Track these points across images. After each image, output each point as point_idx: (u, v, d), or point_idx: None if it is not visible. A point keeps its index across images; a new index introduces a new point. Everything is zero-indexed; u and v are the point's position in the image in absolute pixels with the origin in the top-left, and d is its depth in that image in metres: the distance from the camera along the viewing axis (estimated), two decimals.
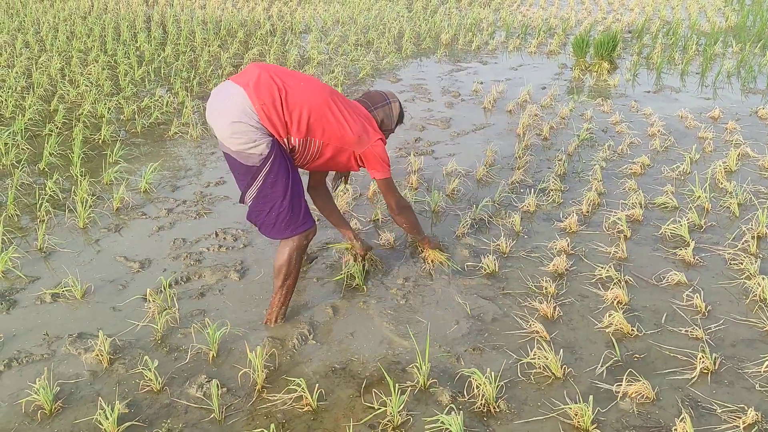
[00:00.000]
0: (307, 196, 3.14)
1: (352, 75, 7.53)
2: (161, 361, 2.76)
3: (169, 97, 6.40)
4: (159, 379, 2.61)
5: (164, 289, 3.17)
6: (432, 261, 3.50)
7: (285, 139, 2.81)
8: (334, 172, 3.46)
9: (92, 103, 6.13)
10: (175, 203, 4.27)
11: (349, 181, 4.10)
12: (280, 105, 2.73)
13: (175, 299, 3.17)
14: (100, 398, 2.52)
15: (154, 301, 3.09)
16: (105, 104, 6.06)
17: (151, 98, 6.37)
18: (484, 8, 11.78)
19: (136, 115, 5.95)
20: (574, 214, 3.96)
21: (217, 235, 3.84)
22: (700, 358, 2.69)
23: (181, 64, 7.81)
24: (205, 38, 9.31)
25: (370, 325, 3.03)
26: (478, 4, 12.33)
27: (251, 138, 2.71)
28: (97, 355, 2.76)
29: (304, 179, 3.16)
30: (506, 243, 3.67)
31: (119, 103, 6.27)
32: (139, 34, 9.17)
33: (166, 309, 3.06)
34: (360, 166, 3.08)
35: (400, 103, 3.28)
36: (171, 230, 3.92)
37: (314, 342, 2.90)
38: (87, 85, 6.72)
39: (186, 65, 7.80)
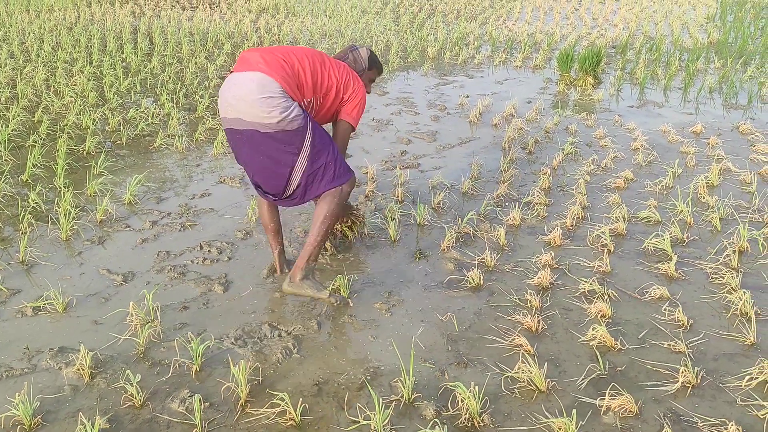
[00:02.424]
0: None
1: None
2: (143, 375, 2.73)
3: (155, 109, 6.39)
4: (141, 393, 2.59)
5: (147, 302, 3.15)
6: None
7: (302, 101, 3.11)
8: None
9: (77, 114, 6.10)
10: (160, 215, 4.25)
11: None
12: (290, 72, 3.03)
13: (158, 312, 3.15)
14: (80, 413, 2.49)
15: (136, 314, 3.07)
16: (90, 115, 6.04)
17: (137, 109, 6.35)
18: (470, 22, 11.88)
19: (121, 127, 5.92)
20: (559, 228, 3.98)
21: (201, 247, 3.82)
22: (683, 372, 2.71)
23: (168, 75, 7.80)
24: (192, 50, 9.31)
25: (355, 338, 3.02)
26: (465, 18, 12.43)
27: (285, 105, 2.95)
28: (78, 369, 2.73)
29: None
30: (491, 256, 3.68)
31: (104, 114, 6.24)
32: (126, 45, 9.16)
33: (149, 322, 3.04)
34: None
35: (369, 49, 3.62)
36: (155, 243, 3.89)
37: (298, 356, 2.89)
38: (72, 96, 6.69)
39: (172, 77, 7.79)
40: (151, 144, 5.60)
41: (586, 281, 3.42)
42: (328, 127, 3.49)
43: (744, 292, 3.25)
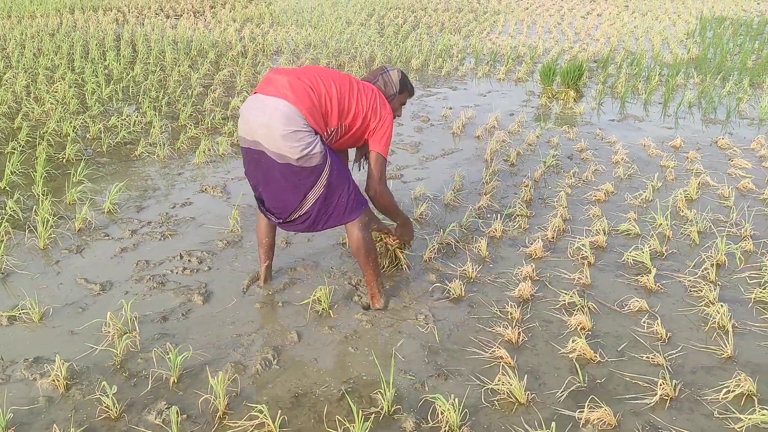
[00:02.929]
0: None
1: None
2: (120, 386, 2.69)
3: (137, 117, 6.35)
4: (117, 405, 2.55)
5: (125, 312, 3.11)
6: (390, 250, 3.59)
7: (325, 132, 3.04)
8: (354, 157, 3.56)
9: (57, 122, 6.04)
10: (140, 224, 4.21)
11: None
12: (317, 102, 2.96)
13: (136, 323, 3.11)
14: (54, 425, 2.45)
15: (114, 324, 3.03)
16: (70, 123, 5.98)
17: (119, 117, 6.31)
18: (454, 35, 11.96)
19: (102, 134, 5.88)
20: (540, 240, 4.00)
21: (181, 257, 3.79)
22: (661, 385, 2.73)
23: (150, 83, 7.76)
24: (175, 58, 9.28)
25: (335, 350, 3.01)
26: (449, 30, 12.52)
27: (308, 141, 2.91)
28: (53, 380, 2.68)
29: None
30: (473, 268, 3.69)
31: (85, 121, 6.19)
32: (108, 53, 9.10)
33: (127, 333, 3.00)
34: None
35: (401, 71, 3.44)
36: (134, 252, 3.86)
37: (278, 367, 2.87)
38: (53, 103, 6.63)
39: (155, 85, 7.75)
40: (132, 152, 5.56)
41: (566, 293, 3.44)
42: (346, 150, 3.47)
43: (721, 306, 3.28)
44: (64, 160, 5.25)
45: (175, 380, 2.74)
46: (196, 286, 3.49)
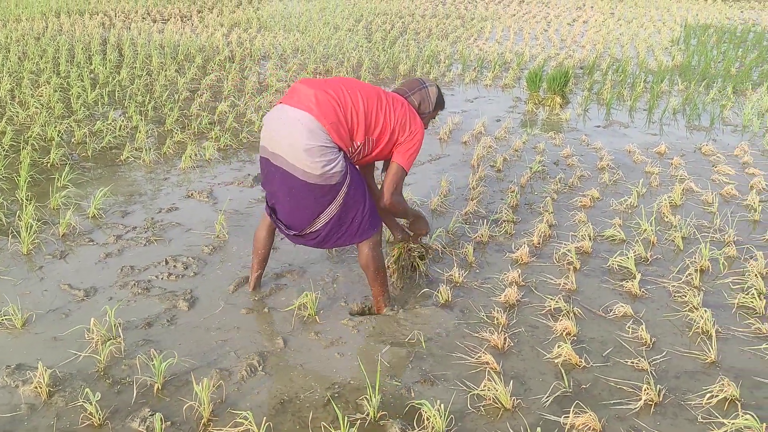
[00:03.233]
0: None
1: None
2: (103, 393, 2.67)
3: (123, 121, 6.31)
4: (100, 412, 2.53)
5: (109, 318, 3.09)
6: (403, 255, 3.53)
7: (350, 147, 2.99)
8: (380, 168, 3.54)
9: (42, 126, 6.00)
10: (125, 229, 4.18)
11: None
12: (342, 116, 2.91)
13: (120, 329, 3.08)
14: None
15: (97, 330, 3.00)
16: (55, 127, 5.94)
17: (104, 122, 6.27)
18: (441, 41, 12.01)
19: (87, 139, 5.84)
20: (526, 246, 4.02)
21: (167, 262, 3.77)
22: (645, 390, 2.74)
23: (137, 87, 7.72)
24: (162, 62, 9.24)
25: (321, 356, 3.00)
26: (436, 36, 12.56)
27: (330, 158, 2.87)
28: (36, 388, 2.65)
29: None
30: (459, 273, 3.70)
31: (70, 126, 6.15)
32: (94, 57, 9.05)
33: (111, 339, 2.98)
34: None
35: (438, 87, 3.37)
36: (119, 257, 3.83)
37: (263, 373, 2.86)
38: (37, 107, 6.58)
39: (141, 89, 7.71)
40: (117, 157, 5.52)
41: (552, 299, 3.45)
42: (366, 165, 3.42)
43: (705, 311, 3.31)
44: (49, 165, 5.21)
45: (160, 387, 2.72)
46: (182, 291, 3.47)
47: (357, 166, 3.18)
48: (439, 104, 3.38)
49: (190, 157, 5.44)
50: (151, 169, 5.33)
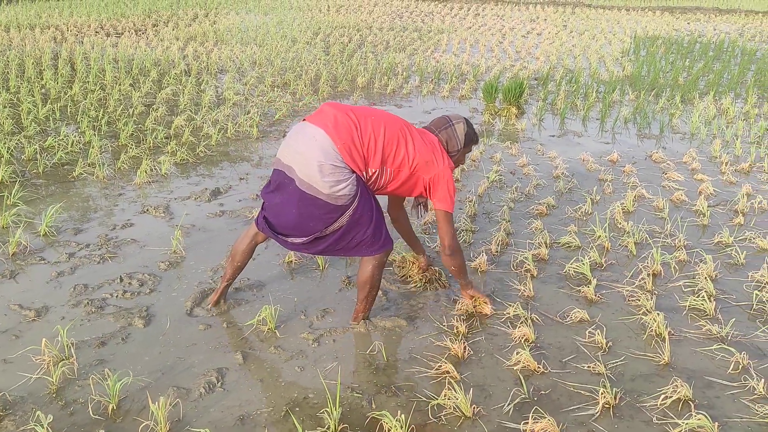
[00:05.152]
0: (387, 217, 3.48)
1: (268, 116, 7.52)
2: (56, 416, 2.59)
3: (75, 137, 6.18)
4: None
5: (61, 338, 3.00)
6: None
7: (364, 172, 2.99)
8: (413, 199, 3.52)
9: None
10: (78, 247, 4.09)
11: (429, 208, 3.94)
12: (358, 140, 2.93)
13: (72, 349, 3.00)
14: None
15: (49, 351, 2.92)
16: (4, 143, 5.78)
17: (56, 138, 6.13)
18: (399, 53, 12.10)
19: (38, 155, 5.69)
20: (484, 254, 4.06)
21: (121, 280, 3.69)
22: (602, 394, 2.79)
23: (90, 102, 7.57)
24: (116, 77, 9.09)
25: (281, 370, 2.97)
26: (394, 49, 12.66)
27: (339, 179, 2.88)
28: None
29: (382, 201, 3.49)
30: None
31: (20, 142, 5.99)
32: (46, 72, 8.86)
33: (63, 360, 2.90)
34: (427, 195, 3.21)
35: (466, 123, 3.34)
36: (71, 276, 3.74)
37: (222, 389, 2.82)
38: None
39: (95, 104, 7.57)
40: (70, 173, 5.40)
41: (510, 305, 3.49)
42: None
43: (658, 314, 3.39)
44: None
45: (114, 407, 2.65)
46: (137, 309, 3.40)
47: (379, 193, 3.18)
48: (471, 140, 3.36)
49: (146, 172, 5.35)
50: (106, 185, 5.22)
